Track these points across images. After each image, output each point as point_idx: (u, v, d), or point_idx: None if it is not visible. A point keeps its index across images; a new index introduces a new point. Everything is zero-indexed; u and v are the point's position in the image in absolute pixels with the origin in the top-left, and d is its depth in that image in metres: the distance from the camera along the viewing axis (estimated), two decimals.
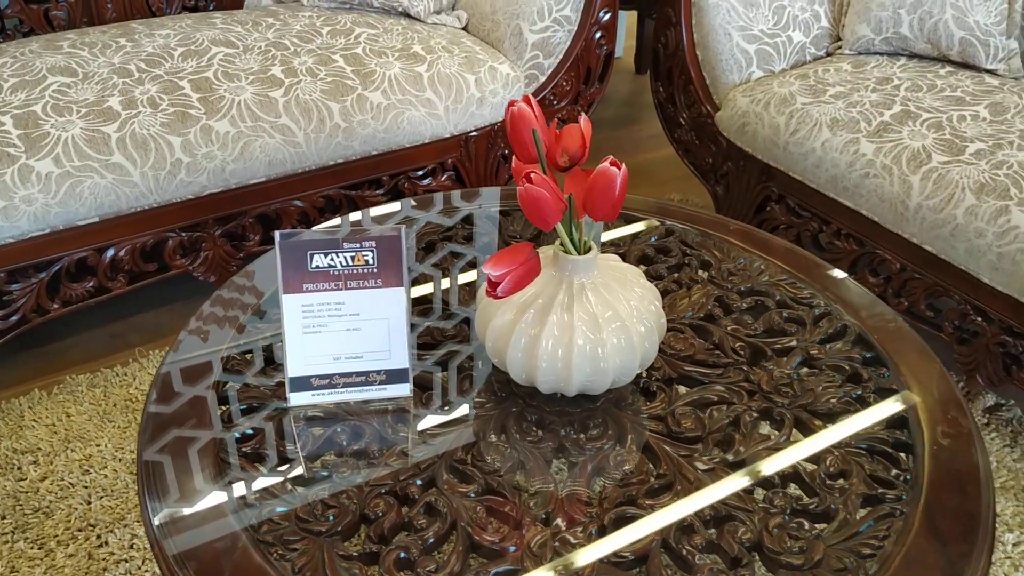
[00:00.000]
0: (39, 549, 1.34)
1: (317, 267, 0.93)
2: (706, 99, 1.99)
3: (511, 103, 0.88)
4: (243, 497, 0.88)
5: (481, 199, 1.41)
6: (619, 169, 0.87)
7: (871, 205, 1.67)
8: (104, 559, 1.33)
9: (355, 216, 1.36)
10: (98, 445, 1.52)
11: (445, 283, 1.21)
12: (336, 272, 0.93)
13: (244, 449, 0.93)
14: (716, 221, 1.35)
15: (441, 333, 1.11)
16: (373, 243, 0.93)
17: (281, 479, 0.90)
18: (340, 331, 0.95)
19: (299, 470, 0.91)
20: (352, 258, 0.93)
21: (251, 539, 0.83)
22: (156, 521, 0.85)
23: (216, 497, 0.87)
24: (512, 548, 0.84)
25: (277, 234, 0.92)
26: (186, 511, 0.85)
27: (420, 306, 1.16)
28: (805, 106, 1.77)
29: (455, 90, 1.83)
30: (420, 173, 1.90)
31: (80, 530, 1.37)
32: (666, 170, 2.52)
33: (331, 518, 0.86)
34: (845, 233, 1.76)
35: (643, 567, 0.83)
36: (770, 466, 0.94)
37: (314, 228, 1.31)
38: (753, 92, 1.87)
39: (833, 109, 1.74)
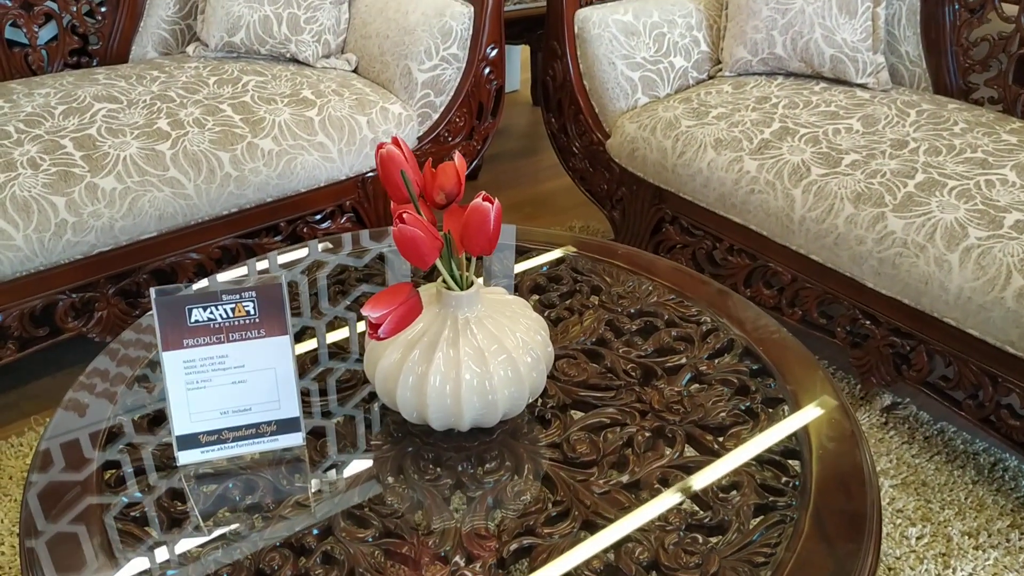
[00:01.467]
0: None
1: (196, 321, 0.92)
2: (596, 127, 2.03)
3: (380, 146, 0.89)
4: (132, 564, 0.85)
5: (389, 238, 1.42)
6: (492, 204, 0.89)
7: (759, 220, 1.72)
8: None
9: (262, 264, 1.34)
10: None
11: (360, 326, 1.21)
12: (217, 325, 0.92)
13: (133, 514, 0.91)
14: (604, 247, 1.38)
15: (337, 378, 1.10)
16: (253, 293, 0.92)
17: (172, 542, 0.88)
18: (226, 384, 0.94)
19: (191, 531, 0.89)
20: (232, 310, 0.92)
21: None
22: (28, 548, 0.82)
23: (104, 569, 0.84)
24: None
25: (153, 291, 0.90)
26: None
27: (325, 351, 1.15)
28: (690, 128, 1.83)
29: (348, 132, 1.83)
30: (318, 217, 1.89)
31: None
32: (567, 198, 2.56)
33: (226, 575, 0.84)
34: (737, 248, 1.81)
35: None
36: (664, 483, 0.96)
37: (218, 278, 1.29)
38: (640, 118, 1.92)
39: (716, 130, 1.80)
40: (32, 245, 1.52)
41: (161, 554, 0.86)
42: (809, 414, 1.05)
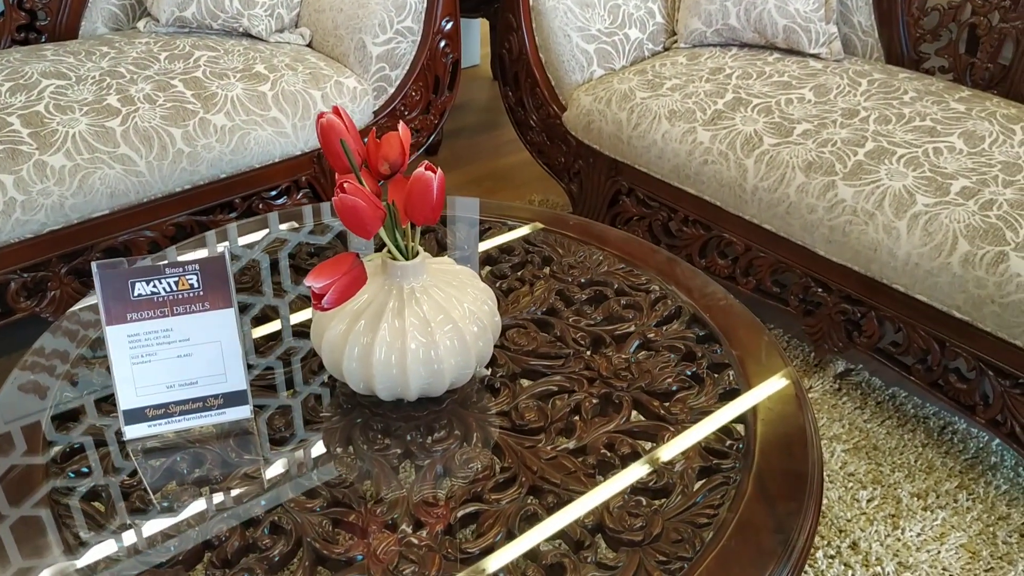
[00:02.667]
0: None
1: (140, 295, 0.91)
2: (552, 100, 2.03)
3: (320, 115, 0.89)
4: (77, 536, 0.85)
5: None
6: (435, 173, 0.89)
7: (712, 191, 1.74)
8: None
9: (222, 246, 1.33)
10: None
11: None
12: (160, 299, 0.92)
13: (80, 488, 0.91)
14: (556, 217, 1.38)
15: (286, 351, 1.10)
16: (197, 266, 0.92)
17: (119, 518, 0.88)
18: (171, 358, 0.94)
19: (138, 505, 0.89)
20: (176, 283, 0.92)
21: (86, 574, 0.81)
22: None
23: (51, 541, 0.84)
24: (359, 557, 0.85)
25: (95, 265, 0.90)
26: (19, 559, 0.82)
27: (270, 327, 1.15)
28: (644, 100, 1.83)
29: (301, 107, 1.82)
30: (274, 193, 1.88)
31: None
32: (526, 172, 2.56)
33: (172, 548, 0.85)
34: (692, 220, 1.83)
35: (488, 559, 0.85)
36: (610, 448, 0.97)
37: (176, 254, 1.29)
38: (595, 90, 1.92)
39: (671, 101, 1.81)
40: None
41: (107, 530, 0.86)
42: (754, 378, 1.07)
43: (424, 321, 0.94)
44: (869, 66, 1.92)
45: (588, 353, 1.11)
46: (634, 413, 1.02)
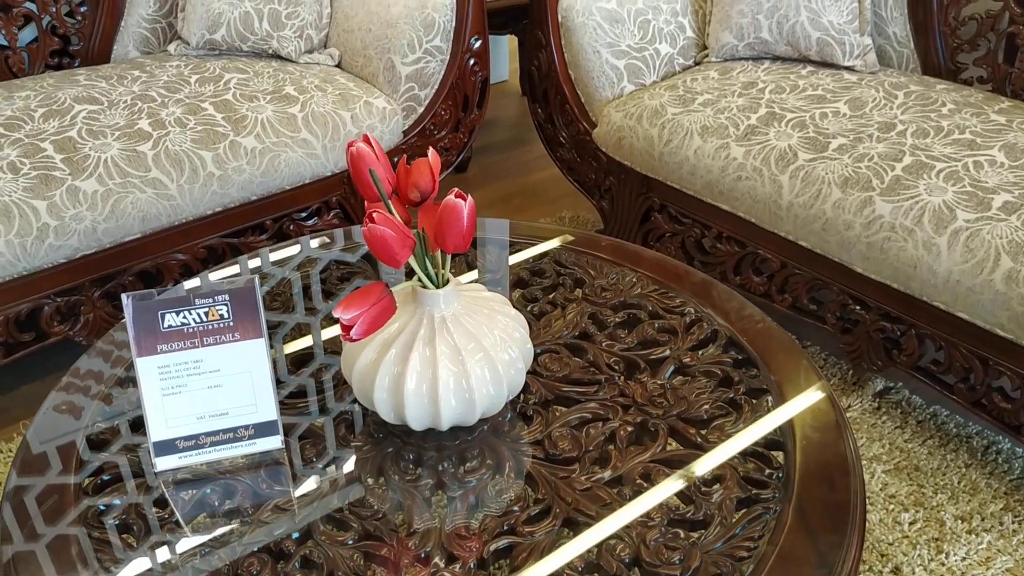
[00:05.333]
0: None
1: (170, 326, 0.91)
2: (582, 117, 2.02)
3: (350, 144, 0.88)
4: (106, 568, 0.85)
5: None
6: (465, 200, 0.88)
7: (746, 207, 1.71)
8: None
9: (254, 262, 1.33)
10: None
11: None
12: (191, 329, 0.91)
13: (110, 521, 0.90)
14: (588, 238, 1.37)
15: (320, 378, 1.09)
16: (227, 296, 0.92)
17: (150, 550, 0.87)
18: (201, 389, 0.93)
19: (169, 538, 0.89)
20: (206, 314, 0.91)
21: None
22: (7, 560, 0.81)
23: (82, 564, 0.84)
24: None
25: (125, 297, 0.89)
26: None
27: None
28: (676, 116, 1.81)
29: (331, 128, 1.82)
30: (304, 214, 1.88)
31: None
32: (556, 188, 2.55)
33: None
34: (726, 236, 1.80)
35: None
36: (646, 479, 0.95)
37: (209, 276, 1.29)
38: (626, 106, 1.91)
39: (703, 116, 1.78)
40: (14, 250, 1.51)
41: (139, 562, 0.86)
42: (793, 404, 1.04)
43: (455, 350, 0.92)
44: (905, 78, 1.89)
45: (622, 379, 1.09)
46: (670, 441, 1.00)
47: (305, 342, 1.17)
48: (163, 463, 0.94)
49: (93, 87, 1.81)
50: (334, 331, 1.18)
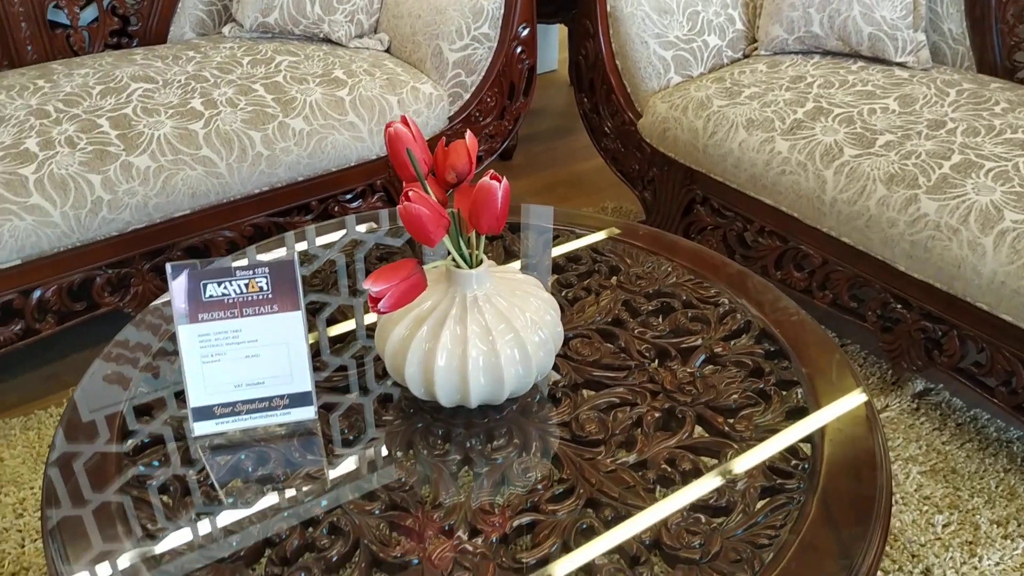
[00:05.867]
0: None
1: (211, 296, 0.94)
2: (628, 107, 2.02)
3: (389, 124, 0.90)
4: (146, 528, 0.88)
5: None
6: (499, 182, 0.89)
7: (789, 201, 1.70)
8: None
9: (300, 246, 1.36)
10: (32, 488, 1.51)
11: None
12: (231, 300, 0.94)
13: (150, 482, 0.94)
14: (626, 227, 1.37)
15: (354, 354, 1.12)
16: (266, 269, 0.94)
17: (185, 511, 0.90)
18: (239, 359, 0.96)
19: (203, 499, 0.92)
20: (246, 285, 0.94)
21: (152, 566, 0.83)
22: (55, 526, 0.85)
23: (119, 530, 0.87)
24: (415, 561, 0.85)
25: (168, 266, 0.92)
26: (90, 546, 0.85)
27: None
28: (721, 108, 1.81)
29: (378, 112, 1.84)
30: (349, 196, 1.91)
31: (14, 574, 1.36)
32: (600, 178, 2.55)
33: (234, 544, 0.87)
34: (768, 231, 1.79)
35: (543, 571, 0.85)
36: (671, 464, 0.96)
37: (256, 253, 1.32)
38: (672, 98, 1.90)
39: (748, 110, 1.77)
40: (69, 222, 1.56)
41: (174, 523, 0.89)
42: (823, 397, 1.04)
43: (486, 329, 0.94)
44: (959, 75, 1.85)
45: (652, 366, 1.09)
46: (697, 429, 1.01)
47: (347, 325, 1.19)
48: (201, 428, 0.97)
49: (149, 66, 1.85)
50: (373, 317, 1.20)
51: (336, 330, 1.17)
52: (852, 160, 1.60)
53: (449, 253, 0.95)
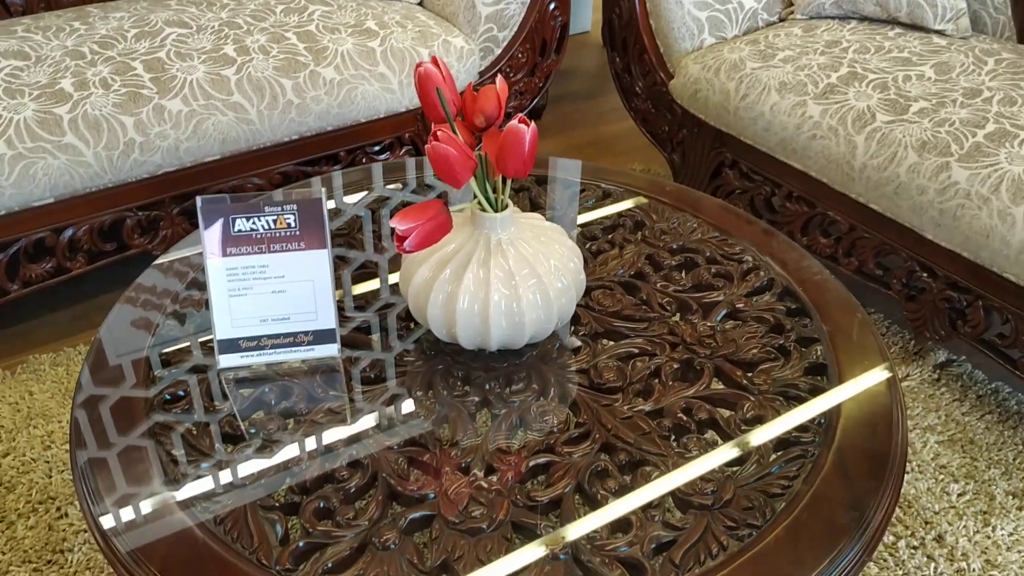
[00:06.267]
0: (0, 522, 1.37)
1: (240, 231, 0.95)
2: (660, 67, 2.00)
3: (419, 64, 0.90)
4: (169, 453, 0.90)
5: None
6: (528, 126, 0.89)
7: (819, 167, 1.69)
8: (64, 530, 1.35)
9: (341, 204, 1.37)
10: (59, 422, 1.55)
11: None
12: (259, 235, 0.96)
13: (174, 410, 0.96)
14: (653, 183, 1.37)
15: (377, 295, 1.13)
16: (295, 206, 0.95)
17: (207, 438, 0.92)
18: (266, 293, 0.98)
19: (226, 428, 0.94)
20: (274, 221, 0.95)
21: (175, 493, 0.85)
22: (82, 464, 0.87)
23: (142, 454, 0.89)
24: (431, 495, 0.87)
25: (199, 199, 0.94)
26: (112, 472, 0.88)
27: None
28: (754, 71, 1.79)
29: (408, 64, 1.84)
30: (377, 148, 1.91)
31: (41, 503, 1.40)
32: (628, 141, 2.54)
33: (255, 472, 0.89)
34: (796, 196, 1.78)
35: (557, 510, 0.86)
36: (687, 413, 0.96)
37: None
38: (704, 59, 1.89)
39: (781, 73, 1.76)
40: (102, 162, 1.59)
41: (195, 447, 0.91)
42: (843, 354, 1.04)
43: (509, 273, 0.95)
44: (998, 45, 1.82)
45: (673, 319, 1.10)
46: (715, 381, 1.01)
47: (362, 273, 1.20)
48: (226, 360, 0.99)
49: (183, 12, 1.86)
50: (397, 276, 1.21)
51: (361, 275, 1.18)
52: (884, 126, 1.59)
53: (475, 197, 0.96)
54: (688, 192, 1.35)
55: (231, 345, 0.99)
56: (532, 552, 0.81)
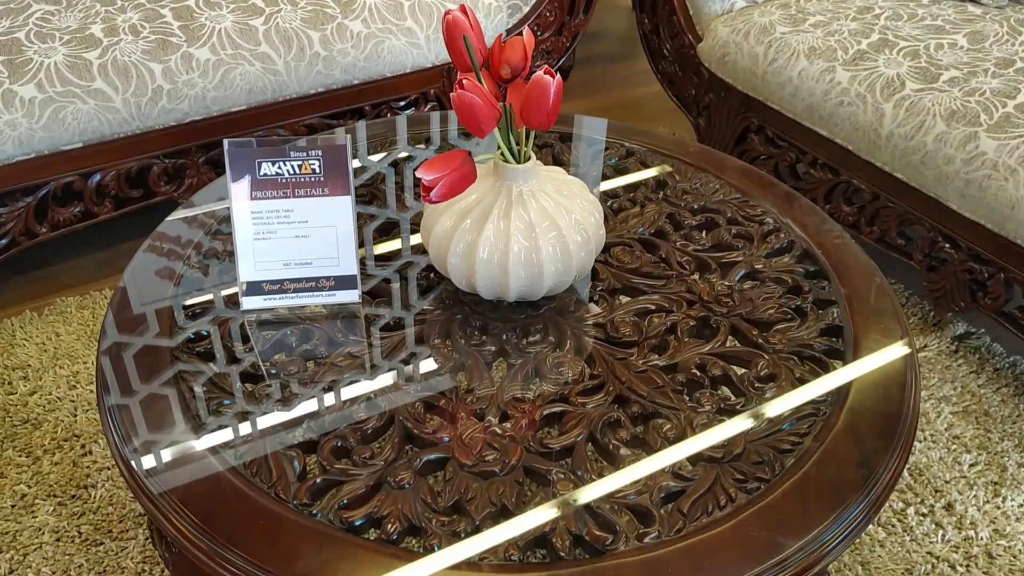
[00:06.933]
0: (26, 457, 1.40)
1: (265, 175, 0.96)
2: (688, 30, 1.99)
3: (446, 12, 0.90)
4: (193, 395, 0.92)
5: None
6: (553, 78, 0.89)
7: (845, 134, 1.68)
8: (88, 467, 1.39)
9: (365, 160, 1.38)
10: (85, 362, 1.58)
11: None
12: (284, 180, 0.97)
13: (197, 349, 0.98)
14: (677, 142, 1.37)
15: (396, 249, 1.14)
16: (319, 152, 0.96)
17: (229, 378, 0.94)
18: (290, 238, 0.99)
19: (248, 369, 0.96)
20: (299, 166, 0.96)
21: (195, 430, 0.88)
22: (112, 403, 0.90)
23: (166, 397, 0.92)
24: (446, 439, 0.89)
25: (226, 142, 0.95)
26: (137, 406, 0.90)
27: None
28: (784, 35, 1.77)
29: (436, 19, 1.84)
30: (403, 103, 1.92)
31: (66, 440, 1.43)
32: (654, 105, 2.53)
33: (273, 411, 0.91)
34: (821, 163, 1.77)
35: (569, 458, 0.88)
36: (701, 369, 0.97)
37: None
38: (734, 22, 1.87)
39: (811, 38, 1.74)
40: (130, 108, 1.60)
41: (218, 386, 0.93)
42: (859, 317, 1.04)
43: (529, 225, 0.95)
44: None
45: (691, 277, 1.11)
46: (730, 339, 1.02)
47: (392, 217, 1.21)
48: (249, 303, 1.01)
49: None
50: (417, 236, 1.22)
51: (382, 224, 1.20)
52: (913, 94, 1.57)
53: (498, 149, 0.96)
54: (711, 153, 1.34)
55: (254, 288, 1.00)
56: (543, 496, 0.83)
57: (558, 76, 0.90)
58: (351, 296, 1.03)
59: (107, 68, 1.57)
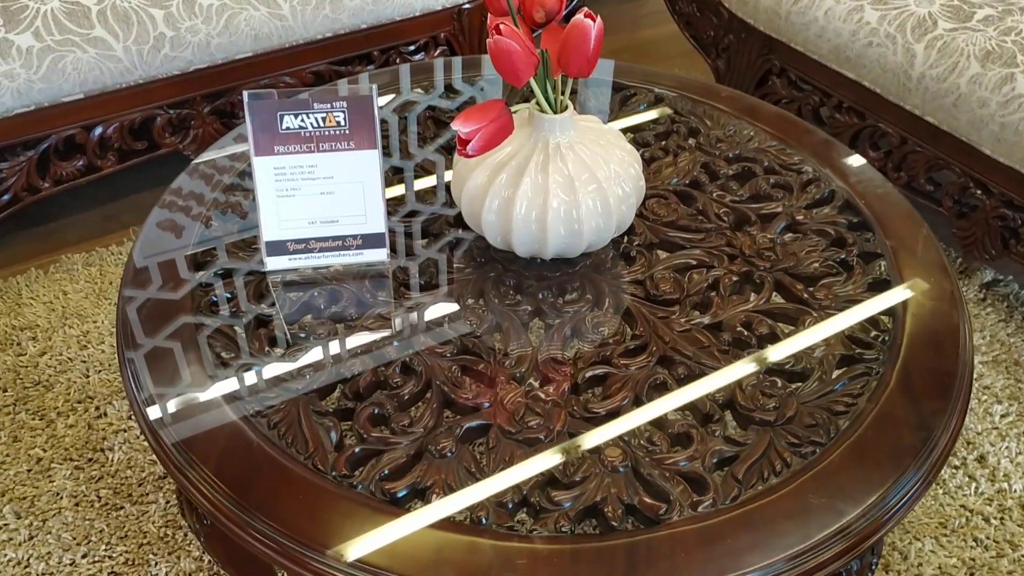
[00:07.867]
0: (40, 420, 1.37)
1: (288, 128, 0.91)
2: None
3: None
4: (220, 355, 0.88)
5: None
6: (594, 21, 0.84)
7: (873, 76, 1.62)
8: (103, 429, 1.36)
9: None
10: (95, 321, 1.54)
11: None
12: (307, 134, 0.92)
13: (222, 312, 0.94)
14: (708, 88, 1.32)
15: (425, 200, 1.10)
16: (344, 103, 0.91)
17: (257, 341, 0.91)
18: (314, 195, 0.94)
19: (276, 332, 0.92)
20: (323, 119, 0.91)
21: (227, 396, 0.84)
22: (133, 359, 0.86)
23: (192, 358, 0.88)
24: (486, 404, 0.85)
25: (246, 94, 0.90)
26: (161, 372, 0.86)
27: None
28: None
29: None
30: (412, 48, 1.85)
31: (79, 402, 1.40)
32: (668, 46, 2.45)
33: (307, 376, 0.87)
34: (846, 106, 1.72)
35: (614, 422, 0.84)
36: (747, 327, 0.94)
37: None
38: None
39: None
40: (132, 57, 1.53)
41: (248, 356, 0.89)
42: (907, 271, 1.00)
43: (568, 179, 0.91)
44: None
45: (731, 230, 1.06)
46: (775, 295, 0.98)
47: (409, 180, 1.17)
48: (273, 263, 0.97)
49: None
50: (426, 181, 1.17)
51: (408, 178, 1.15)
52: (946, 34, 1.51)
53: (532, 98, 0.91)
54: (744, 98, 1.29)
55: (279, 247, 0.96)
56: (590, 464, 0.80)
57: (599, 19, 0.85)
58: (379, 255, 0.98)
59: (107, 15, 1.50)
